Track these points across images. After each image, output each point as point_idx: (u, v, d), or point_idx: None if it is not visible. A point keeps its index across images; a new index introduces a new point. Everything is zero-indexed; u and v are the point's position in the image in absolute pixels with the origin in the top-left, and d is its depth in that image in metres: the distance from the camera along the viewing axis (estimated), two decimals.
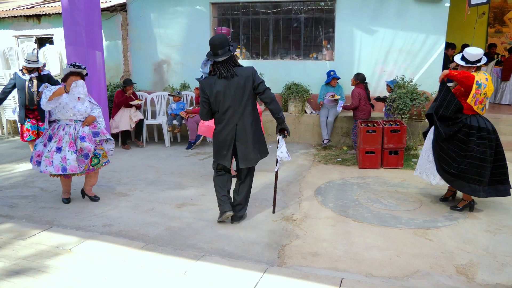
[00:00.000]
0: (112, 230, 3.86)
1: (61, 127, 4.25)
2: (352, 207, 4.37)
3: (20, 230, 3.73)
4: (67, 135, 4.21)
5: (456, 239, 3.60)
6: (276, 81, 7.78)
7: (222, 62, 3.58)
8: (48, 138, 4.27)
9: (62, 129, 4.24)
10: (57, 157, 4.14)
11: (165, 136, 7.43)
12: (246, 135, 3.69)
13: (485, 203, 4.44)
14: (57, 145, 4.17)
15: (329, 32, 7.75)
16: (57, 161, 4.13)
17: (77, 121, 4.30)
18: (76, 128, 4.27)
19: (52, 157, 4.14)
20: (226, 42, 3.58)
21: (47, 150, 4.19)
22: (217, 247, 3.50)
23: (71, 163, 4.14)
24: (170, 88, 8.40)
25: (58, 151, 4.16)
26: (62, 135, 4.21)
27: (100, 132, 4.42)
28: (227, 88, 3.59)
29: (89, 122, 4.33)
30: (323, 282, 2.83)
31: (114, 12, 8.55)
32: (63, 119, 4.26)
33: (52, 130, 4.28)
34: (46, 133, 4.32)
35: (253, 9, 8.09)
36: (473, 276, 3.01)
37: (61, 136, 4.21)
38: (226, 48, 3.57)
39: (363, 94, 6.40)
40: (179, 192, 4.90)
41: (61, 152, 4.16)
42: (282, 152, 3.97)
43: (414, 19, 7.05)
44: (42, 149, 4.27)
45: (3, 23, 9.54)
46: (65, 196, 4.56)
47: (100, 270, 3.04)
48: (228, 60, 3.59)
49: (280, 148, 3.97)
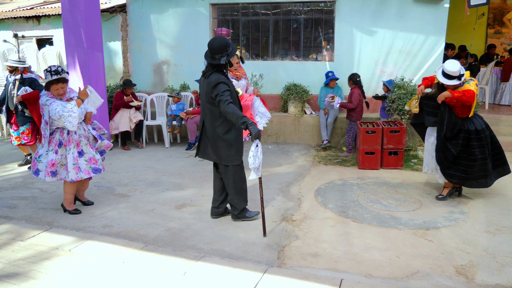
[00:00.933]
0: (111, 231, 3.86)
1: (72, 132, 4.07)
2: (352, 207, 4.37)
3: (20, 231, 3.73)
4: (83, 138, 4.14)
5: (455, 240, 3.60)
6: (276, 81, 7.78)
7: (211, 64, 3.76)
8: (58, 144, 4.06)
9: (74, 133, 4.08)
10: (82, 161, 4.08)
11: (165, 137, 7.43)
12: (207, 133, 3.90)
13: (484, 204, 4.45)
14: (77, 150, 4.09)
15: (328, 33, 7.75)
16: (83, 165, 4.08)
17: (81, 122, 4.23)
18: (85, 128, 4.21)
19: (78, 163, 4.06)
20: (223, 48, 3.68)
21: (72, 158, 4.03)
22: (217, 247, 3.50)
23: (101, 163, 4.24)
24: (170, 89, 8.40)
25: (80, 155, 4.09)
26: (77, 139, 4.10)
27: (97, 127, 4.41)
28: (201, 87, 3.93)
29: (89, 118, 4.28)
30: (323, 283, 2.83)
31: (114, 13, 8.55)
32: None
33: (61, 135, 4.06)
34: (52, 140, 4.06)
35: (252, 10, 8.10)
36: (472, 277, 3.01)
37: (77, 140, 4.10)
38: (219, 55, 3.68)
39: (361, 96, 6.44)
40: (178, 193, 4.90)
41: (83, 155, 4.11)
42: (249, 157, 3.56)
43: (414, 20, 7.06)
44: (55, 158, 4.02)
45: (3, 24, 9.54)
46: (73, 208, 4.33)
47: (100, 271, 3.04)
48: (215, 65, 3.73)
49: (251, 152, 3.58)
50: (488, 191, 4.75)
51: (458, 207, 4.37)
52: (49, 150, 4.05)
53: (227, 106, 3.55)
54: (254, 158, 3.51)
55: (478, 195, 4.70)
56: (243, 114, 3.60)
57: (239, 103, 3.92)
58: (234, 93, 3.80)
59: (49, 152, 4.04)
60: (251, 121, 3.53)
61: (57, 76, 3.91)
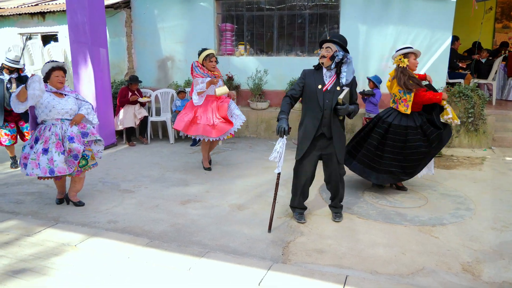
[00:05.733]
0: (117, 226, 3.88)
1: (47, 128, 4.03)
2: (357, 204, 4.36)
3: (26, 227, 3.75)
4: (54, 136, 3.99)
5: (462, 237, 3.57)
6: (281, 77, 7.75)
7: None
8: (35, 140, 4.05)
9: (48, 130, 4.02)
10: (44, 159, 3.93)
11: (170, 133, 7.44)
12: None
13: (491, 200, 4.41)
14: (43, 147, 3.96)
15: (333, 28, 7.70)
16: (43, 163, 3.92)
17: (64, 120, 4.10)
18: (63, 127, 4.06)
19: (39, 159, 3.92)
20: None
21: (33, 152, 3.97)
22: (221, 243, 3.50)
23: (59, 165, 3.91)
24: (174, 85, 8.40)
25: (45, 152, 3.94)
26: (48, 135, 3.99)
27: (90, 133, 4.21)
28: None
29: (77, 121, 4.13)
30: (328, 279, 2.82)
31: (118, 9, 8.55)
32: (48, 120, 4.04)
33: (39, 132, 4.05)
34: (33, 135, 4.10)
35: (257, 5, 8.06)
36: (479, 274, 2.99)
37: (47, 137, 3.99)
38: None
39: None
40: (183, 189, 4.90)
41: (47, 153, 3.94)
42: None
43: (420, 14, 6.98)
44: (28, 151, 4.04)
45: (8, 21, 9.58)
46: (59, 196, 4.44)
47: (105, 266, 3.06)
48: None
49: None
50: (495, 187, 4.71)
51: (465, 203, 4.34)
52: (27, 144, 4.12)
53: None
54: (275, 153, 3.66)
55: (485, 192, 4.66)
56: (281, 110, 3.69)
57: None
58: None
59: (26, 145, 4.12)
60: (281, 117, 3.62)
61: (57, 63, 4.00)
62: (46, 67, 4.09)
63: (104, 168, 5.72)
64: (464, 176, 5.23)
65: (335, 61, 3.58)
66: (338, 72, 3.64)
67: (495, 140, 6.69)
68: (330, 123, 3.65)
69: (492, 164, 5.82)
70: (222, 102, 5.37)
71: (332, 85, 3.64)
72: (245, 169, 5.70)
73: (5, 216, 4.06)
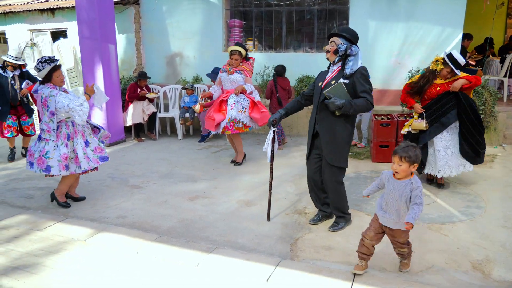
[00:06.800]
0: (125, 222, 3.90)
1: (69, 124, 4.08)
2: (365, 201, 4.33)
3: (36, 221, 3.80)
4: (86, 128, 4.22)
5: (472, 235, 3.53)
6: (289, 73, 7.68)
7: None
8: (67, 137, 4.08)
9: (72, 125, 4.11)
10: (89, 151, 4.16)
11: (178, 129, 7.46)
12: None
13: (502, 198, 4.36)
14: (83, 140, 4.16)
15: (342, 24, 7.64)
16: (91, 155, 4.16)
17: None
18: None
19: (87, 153, 4.15)
20: None
21: (81, 148, 4.09)
22: (229, 239, 3.50)
23: (106, 151, 4.30)
24: (183, 81, 8.41)
25: (87, 145, 4.17)
26: (81, 129, 4.16)
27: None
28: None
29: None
30: (336, 276, 2.81)
31: (127, 5, 8.57)
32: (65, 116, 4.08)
33: (68, 129, 4.08)
34: (61, 135, 4.04)
35: (265, 1, 8.02)
36: (489, 272, 2.95)
37: (81, 131, 4.16)
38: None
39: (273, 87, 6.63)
40: (191, 185, 4.92)
41: (89, 145, 4.19)
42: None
43: (430, 9, 6.90)
44: (66, 151, 4.03)
45: (18, 17, 9.65)
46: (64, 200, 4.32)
47: (114, 261, 3.08)
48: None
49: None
50: (506, 185, 4.65)
51: (475, 201, 4.29)
52: (59, 144, 4.03)
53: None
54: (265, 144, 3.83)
55: (496, 190, 4.60)
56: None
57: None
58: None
59: (59, 146, 4.02)
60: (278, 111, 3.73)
61: (55, 62, 3.99)
62: (45, 69, 3.94)
63: (113, 163, 5.76)
64: (474, 173, 5.17)
65: (339, 54, 3.44)
66: (344, 65, 3.43)
67: (506, 138, 6.60)
68: (324, 120, 3.50)
69: (503, 161, 5.74)
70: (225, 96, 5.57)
71: (330, 80, 3.45)
72: (253, 165, 5.70)
73: (15, 210, 4.11)
